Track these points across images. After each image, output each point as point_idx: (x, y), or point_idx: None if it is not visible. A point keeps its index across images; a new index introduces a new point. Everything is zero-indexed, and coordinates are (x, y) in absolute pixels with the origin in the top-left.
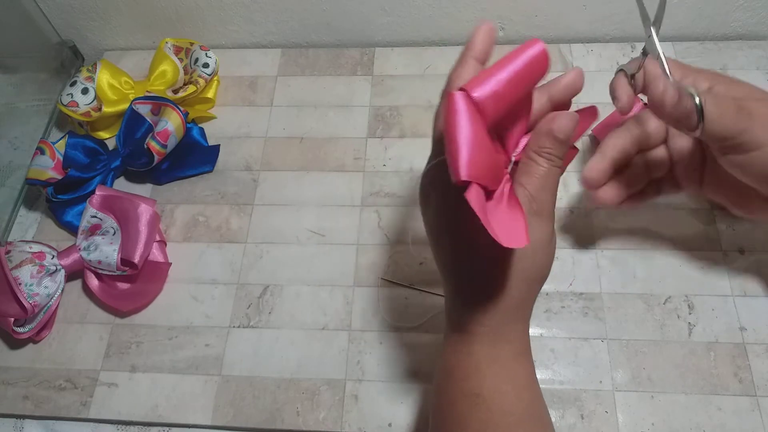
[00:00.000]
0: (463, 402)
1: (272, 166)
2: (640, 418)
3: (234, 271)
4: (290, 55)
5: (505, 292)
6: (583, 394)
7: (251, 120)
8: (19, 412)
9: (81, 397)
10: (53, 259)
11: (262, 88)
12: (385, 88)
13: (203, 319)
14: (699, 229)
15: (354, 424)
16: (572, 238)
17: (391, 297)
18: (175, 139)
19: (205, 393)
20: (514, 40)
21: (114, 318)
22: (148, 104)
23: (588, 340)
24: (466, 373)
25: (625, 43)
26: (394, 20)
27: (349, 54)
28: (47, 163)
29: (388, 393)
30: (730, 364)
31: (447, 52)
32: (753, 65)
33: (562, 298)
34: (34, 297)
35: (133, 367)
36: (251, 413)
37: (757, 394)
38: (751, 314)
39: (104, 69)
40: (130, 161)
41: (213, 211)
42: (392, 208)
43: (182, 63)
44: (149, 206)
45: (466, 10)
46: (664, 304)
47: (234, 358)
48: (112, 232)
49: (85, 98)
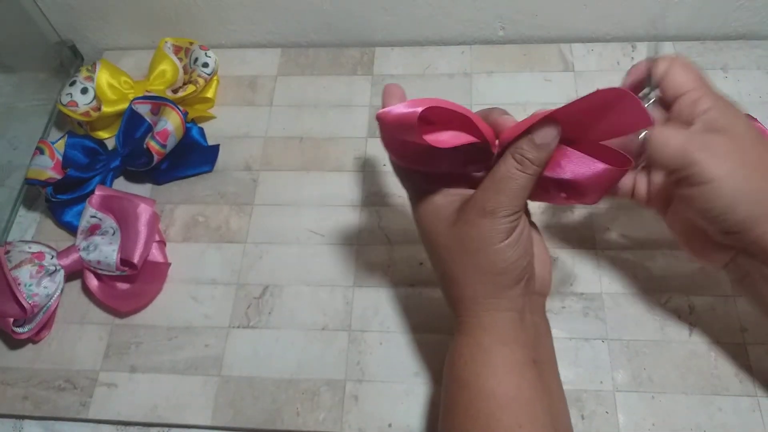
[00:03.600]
0: (452, 387)
1: (272, 166)
2: (641, 418)
3: (234, 271)
4: (290, 54)
5: (467, 285)
6: (583, 394)
7: (251, 120)
8: (19, 413)
9: (80, 397)
10: (52, 259)
11: (261, 87)
12: None
13: (203, 319)
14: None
15: (354, 425)
16: (572, 238)
17: (392, 298)
18: (174, 139)
19: (204, 393)
20: (514, 39)
21: (113, 318)
22: (147, 104)
23: (588, 340)
24: (453, 360)
25: (626, 42)
26: (394, 20)
27: (349, 54)
28: (46, 162)
29: (388, 393)
30: (730, 364)
31: (447, 52)
32: (754, 65)
33: (562, 299)
34: (33, 297)
35: (133, 367)
36: (251, 414)
37: (757, 395)
38: (752, 314)
39: (104, 69)
40: (129, 161)
41: (213, 211)
42: (392, 208)
43: (182, 63)
44: (149, 206)
45: (466, 10)
46: (664, 304)
47: (233, 358)
48: (111, 232)
49: (84, 98)
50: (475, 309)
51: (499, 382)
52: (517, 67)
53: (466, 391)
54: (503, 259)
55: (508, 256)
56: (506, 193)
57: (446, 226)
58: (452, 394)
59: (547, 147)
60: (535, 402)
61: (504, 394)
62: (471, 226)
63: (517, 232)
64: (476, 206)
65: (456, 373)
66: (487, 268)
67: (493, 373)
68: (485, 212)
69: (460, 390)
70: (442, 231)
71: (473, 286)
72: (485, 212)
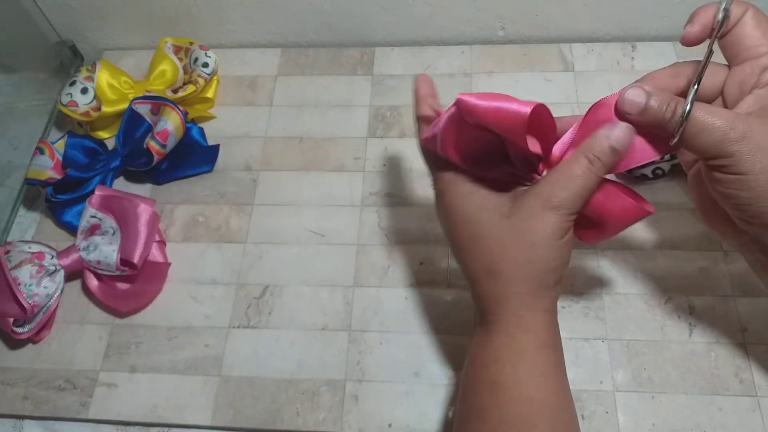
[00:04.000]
0: (484, 390)
1: (272, 166)
2: (641, 418)
3: (234, 271)
4: (290, 54)
5: (515, 281)
6: (583, 394)
7: (251, 120)
8: (19, 413)
9: (80, 397)
10: (52, 259)
11: (261, 87)
12: (385, 87)
13: (203, 319)
14: (699, 229)
15: (354, 425)
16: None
17: (392, 298)
18: (174, 139)
19: (204, 393)
20: (514, 39)
21: (113, 318)
22: (147, 104)
23: (588, 340)
24: (486, 362)
25: (626, 42)
26: (394, 20)
27: (349, 54)
28: (46, 162)
29: (388, 393)
30: (730, 364)
31: (447, 52)
32: None
33: (562, 299)
34: (33, 297)
35: (133, 367)
36: (251, 414)
37: (757, 395)
38: (752, 314)
39: (103, 69)
40: (129, 161)
41: (213, 211)
42: (392, 208)
43: (182, 62)
44: (149, 206)
45: (466, 10)
46: (664, 304)
47: (234, 358)
48: (111, 232)
49: (84, 98)
50: (518, 307)
51: (538, 387)
52: (517, 67)
53: (503, 395)
54: (559, 256)
55: (563, 254)
56: (574, 191)
57: (499, 218)
58: (483, 398)
59: (621, 150)
60: (567, 407)
61: (543, 399)
62: (535, 219)
63: (571, 232)
64: (541, 199)
65: (490, 377)
66: (540, 264)
67: (532, 378)
68: (551, 206)
69: (496, 394)
70: (493, 222)
71: (522, 282)
72: (551, 206)
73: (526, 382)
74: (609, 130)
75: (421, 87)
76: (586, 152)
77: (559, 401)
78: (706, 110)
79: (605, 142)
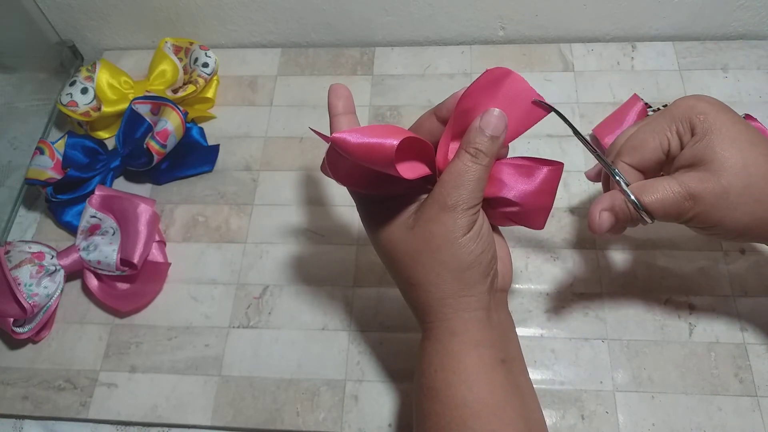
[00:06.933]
0: (424, 397)
1: (272, 166)
2: (641, 418)
3: (233, 271)
4: (290, 54)
5: (433, 287)
6: (583, 394)
7: (251, 120)
8: (19, 413)
9: (80, 397)
10: (53, 259)
11: (261, 87)
12: (385, 87)
13: (203, 319)
14: None
15: (354, 425)
16: (572, 239)
17: (392, 298)
18: (174, 139)
19: (204, 393)
20: (515, 39)
21: (113, 318)
22: (147, 104)
23: (588, 340)
24: (422, 368)
25: (626, 42)
26: (394, 20)
27: (349, 54)
28: (46, 162)
29: (388, 393)
30: (730, 364)
31: (447, 51)
32: (754, 65)
33: (562, 299)
34: (33, 297)
35: (133, 367)
36: (251, 414)
37: (757, 395)
38: (752, 314)
39: (104, 68)
40: (129, 161)
41: (212, 211)
42: None
43: (182, 62)
44: (149, 206)
45: (466, 9)
46: (664, 304)
47: (234, 358)
48: (111, 232)
49: (84, 98)
50: (443, 311)
51: (470, 388)
52: (517, 67)
53: (437, 400)
54: (468, 252)
55: (472, 250)
56: (465, 187)
57: (405, 230)
58: (423, 405)
59: (499, 136)
60: (506, 405)
61: (475, 400)
62: (433, 222)
63: (478, 225)
64: (436, 202)
65: (426, 382)
66: (452, 265)
67: (463, 380)
68: (446, 207)
69: (431, 400)
70: (401, 237)
71: (440, 287)
72: (446, 207)
73: (457, 385)
74: (483, 120)
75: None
76: (466, 147)
77: (499, 401)
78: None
79: (482, 132)
